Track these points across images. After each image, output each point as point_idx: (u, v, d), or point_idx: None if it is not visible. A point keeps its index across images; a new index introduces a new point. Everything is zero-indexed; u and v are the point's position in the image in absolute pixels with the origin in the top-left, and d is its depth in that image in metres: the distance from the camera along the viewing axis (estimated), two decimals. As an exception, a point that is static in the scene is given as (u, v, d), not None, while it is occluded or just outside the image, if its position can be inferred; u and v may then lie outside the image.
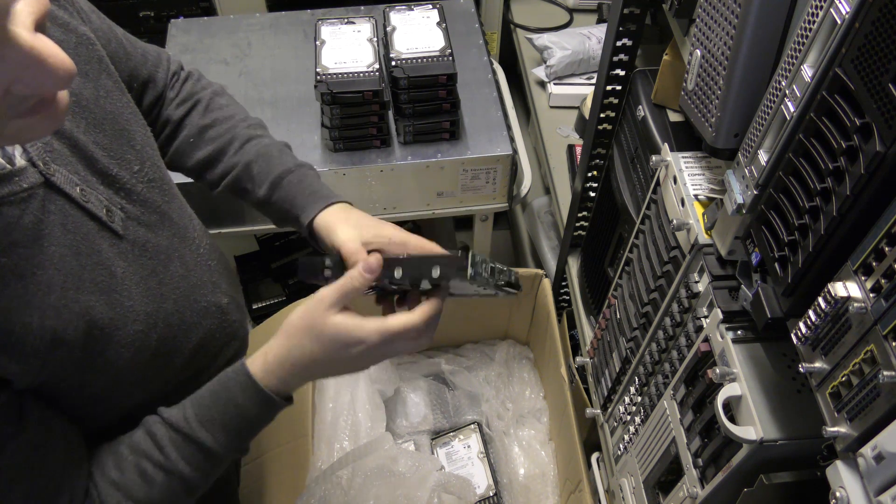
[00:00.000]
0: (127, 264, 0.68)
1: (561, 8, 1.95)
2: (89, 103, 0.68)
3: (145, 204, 0.72)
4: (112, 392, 0.69)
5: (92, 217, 0.65)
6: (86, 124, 0.67)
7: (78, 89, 0.67)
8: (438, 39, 1.26)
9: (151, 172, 0.74)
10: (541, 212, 1.83)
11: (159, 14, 1.76)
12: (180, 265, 0.76)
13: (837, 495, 0.52)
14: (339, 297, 0.68)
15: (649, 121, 0.97)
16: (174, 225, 0.77)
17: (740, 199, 0.65)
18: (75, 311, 0.61)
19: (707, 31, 0.68)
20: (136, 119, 0.74)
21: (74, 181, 0.64)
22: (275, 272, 1.86)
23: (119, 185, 0.69)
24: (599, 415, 1.17)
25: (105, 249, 0.66)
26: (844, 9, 0.49)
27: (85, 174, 0.66)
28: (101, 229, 0.66)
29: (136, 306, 0.68)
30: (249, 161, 0.85)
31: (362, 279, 0.68)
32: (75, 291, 0.62)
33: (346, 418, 1.35)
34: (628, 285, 1.01)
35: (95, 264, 0.64)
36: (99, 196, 0.66)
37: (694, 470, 0.78)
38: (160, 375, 0.74)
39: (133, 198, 0.71)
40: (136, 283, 0.68)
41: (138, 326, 0.68)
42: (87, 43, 0.70)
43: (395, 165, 1.31)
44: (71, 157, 0.64)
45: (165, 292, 0.73)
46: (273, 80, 1.44)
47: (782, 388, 0.68)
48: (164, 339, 0.72)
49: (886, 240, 0.46)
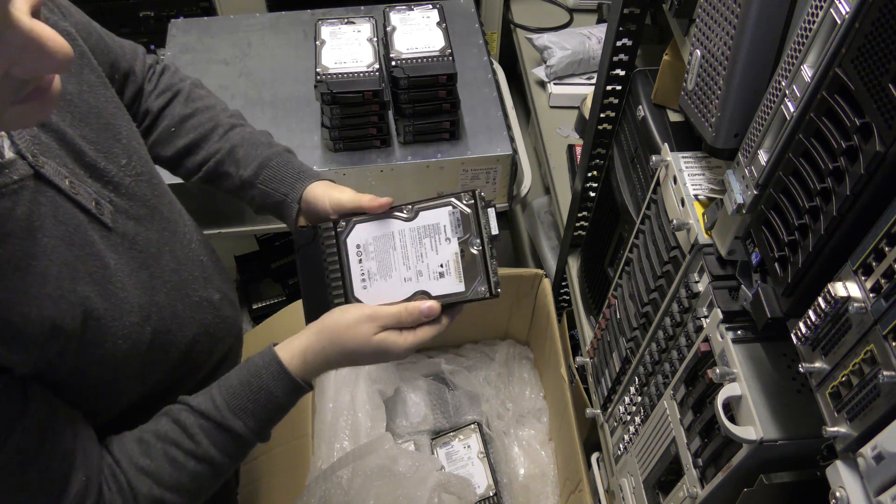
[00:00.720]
0: (118, 256, 0.68)
1: (561, 8, 1.95)
2: (73, 98, 0.68)
3: (133, 197, 0.72)
4: (111, 385, 0.69)
5: (81, 209, 0.65)
6: (71, 118, 0.67)
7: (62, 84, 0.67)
8: (438, 39, 1.26)
9: (139, 166, 0.74)
10: (541, 212, 1.82)
11: (159, 14, 1.76)
12: (171, 259, 0.76)
13: (837, 495, 0.52)
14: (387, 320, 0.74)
15: (649, 121, 0.97)
16: (164, 219, 0.77)
17: (740, 199, 0.65)
18: (72, 300, 0.62)
19: (707, 31, 0.68)
20: (120, 113, 0.75)
21: (63, 173, 0.64)
22: (275, 272, 1.86)
23: (107, 178, 0.69)
24: (599, 415, 1.17)
25: (97, 241, 0.66)
26: (844, 9, 0.49)
27: (73, 167, 0.66)
28: (91, 221, 0.66)
29: (130, 298, 0.68)
30: (234, 146, 0.86)
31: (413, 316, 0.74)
32: (71, 282, 0.62)
33: (346, 418, 1.35)
34: (628, 285, 1.01)
35: (89, 255, 0.65)
36: (87, 189, 0.66)
37: (694, 470, 0.78)
38: (157, 369, 0.74)
39: (121, 191, 0.71)
40: (127, 274, 0.69)
41: (133, 318, 0.68)
42: (69, 38, 0.70)
43: (395, 165, 1.31)
44: (59, 150, 0.65)
45: (157, 285, 0.73)
46: (273, 80, 1.44)
47: (782, 388, 0.68)
48: (159, 332, 0.72)
49: (886, 240, 0.46)
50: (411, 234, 0.76)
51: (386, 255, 0.77)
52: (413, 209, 0.77)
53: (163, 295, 0.74)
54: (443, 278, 0.75)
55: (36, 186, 0.61)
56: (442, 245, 0.76)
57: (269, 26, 1.56)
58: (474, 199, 0.75)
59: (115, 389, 0.71)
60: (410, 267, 0.76)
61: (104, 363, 0.66)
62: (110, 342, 0.66)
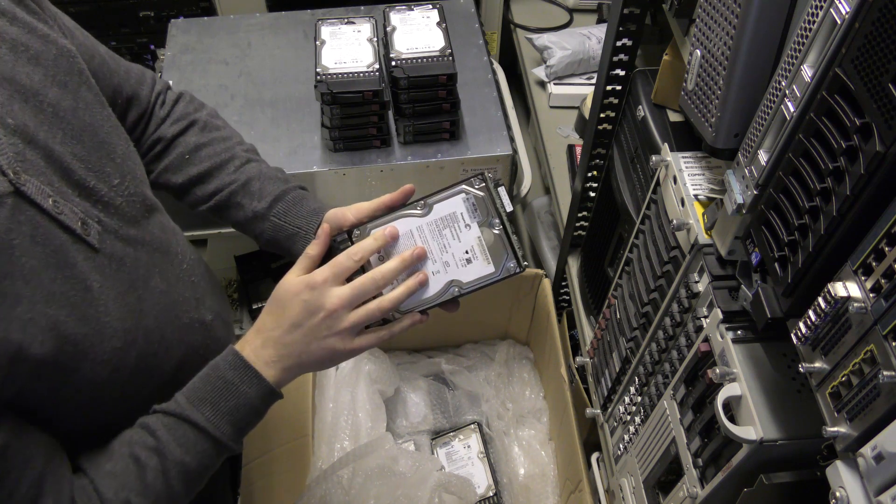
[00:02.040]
0: (104, 279, 0.66)
1: (561, 8, 1.95)
2: (67, 114, 0.67)
3: (124, 217, 0.71)
4: (89, 410, 0.68)
5: (65, 229, 0.63)
6: (62, 135, 0.65)
7: (56, 100, 0.66)
8: (438, 39, 1.26)
9: (132, 186, 0.73)
10: (541, 212, 1.82)
11: (159, 14, 1.76)
12: (161, 280, 0.75)
13: (837, 495, 0.52)
14: (297, 264, 0.74)
15: (649, 121, 0.97)
16: (155, 239, 0.76)
17: (740, 199, 0.65)
18: (42, 325, 0.59)
19: (707, 31, 0.68)
20: (117, 132, 0.74)
21: (47, 192, 0.62)
22: (275, 272, 1.86)
23: (96, 197, 0.68)
24: (599, 415, 1.17)
25: (79, 263, 0.64)
26: (844, 9, 0.49)
27: (59, 185, 0.64)
28: (76, 242, 0.64)
29: (113, 322, 0.66)
30: (250, 178, 0.86)
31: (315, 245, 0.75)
32: (44, 305, 0.60)
33: (346, 418, 1.35)
34: (628, 285, 1.01)
35: (68, 278, 0.62)
36: (74, 208, 0.65)
37: (694, 470, 0.78)
38: (140, 393, 0.73)
39: (111, 210, 0.69)
40: (113, 298, 0.67)
41: (116, 343, 0.66)
42: (68, 55, 0.69)
43: (395, 165, 1.31)
44: (45, 167, 0.63)
45: (145, 308, 0.71)
46: (273, 80, 1.44)
47: (782, 388, 0.68)
48: (144, 357, 0.71)
49: (886, 240, 0.46)
50: (430, 228, 0.76)
51: None
52: (426, 204, 0.77)
53: (151, 318, 0.72)
54: (470, 264, 0.76)
55: (15, 204, 0.59)
56: (463, 232, 0.76)
57: (269, 26, 1.56)
58: (485, 182, 0.76)
59: (95, 412, 0.69)
60: (436, 260, 0.76)
61: (82, 389, 0.65)
62: (88, 368, 0.64)
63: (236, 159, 0.88)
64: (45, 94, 0.65)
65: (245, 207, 0.85)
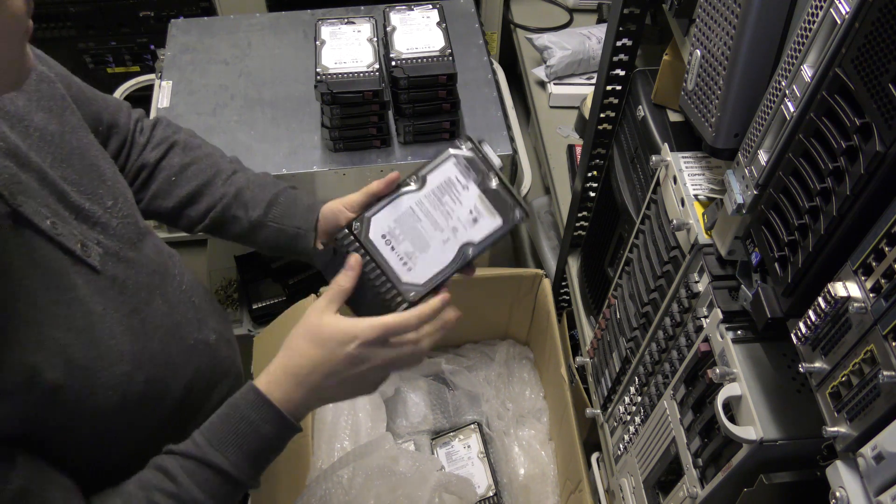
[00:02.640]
0: (106, 301, 0.65)
1: (561, 8, 1.95)
2: (55, 138, 0.66)
3: (122, 239, 0.70)
4: (100, 438, 0.67)
5: (65, 251, 0.62)
6: (52, 159, 0.65)
7: (42, 124, 0.65)
8: (438, 39, 1.26)
9: (125, 208, 0.73)
10: (541, 212, 1.82)
11: (159, 14, 1.76)
12: (163, 302, 0.74)
13: (837, 495, 0.52)
14: (331, 299, 0.69)
15: (649, 121, 0.97)
16: (152, 261, 0.75)
17: (740, 199, 0.65)
18: (52, 349, 0.59)
19: (707, 31, 0.68)
20: (103, 156, 0.73)
21: (44, 214, 0.61)
22: (275, 272, 1.86)
23: (93, 219, 0.67)
24: (599, 415, 1.17)
25: (80, 286, 0.63)
26: (844, 9, 0.49)
27: (56, 207, 0.63)
28: (76, 264, 0.63)
29: (120, 345, 0.65)
30: (240, 188, 0.86)
31: (347, 278, 0.71)
32: (49, 328, 0.59)
33: (346, 418, 1.35)
34: (628, 285, 1.01)
35: (69, 301, 0.62)
36: (72, 230, 0.64)
37: (694, 470, 0.78)
38: (151, 418, 0.72)
39: (109, 233, 0.69)
40: (117, 321, 0.66)
41: (124, 367, 0.65)
42: (48, 80, 0.69)
43: (396, 165, 1.31)
44: (40, 190, 0.62)
45: (149, 331, 0.70)
46: (273, 80, 1.44)
47: (782, 388, 0.68)
48: (152, 381, 0.69)
49: (886, 240, 0.46)
50: (428, 199, 0.77)
51: (415, 231, 0.76)
52: (419, 177, 0.77)
53: (156, 341, 0.71)
54: (477, 222, 0.76)
55: (12, 226, 0.58)
56: (462, 194, 0.76)
57: (269, 26, 1.56)
58: (470, 141, 0.77)
59: (106, 442, 0.68)
60: (443, 229, 0.76)
61: (95, 416, 0.63)
62: (100, 393, 0.63)
63: (223, 173, 0.87)
64: (31, 118, 0.65)
65: (241, 219, 0.85)
